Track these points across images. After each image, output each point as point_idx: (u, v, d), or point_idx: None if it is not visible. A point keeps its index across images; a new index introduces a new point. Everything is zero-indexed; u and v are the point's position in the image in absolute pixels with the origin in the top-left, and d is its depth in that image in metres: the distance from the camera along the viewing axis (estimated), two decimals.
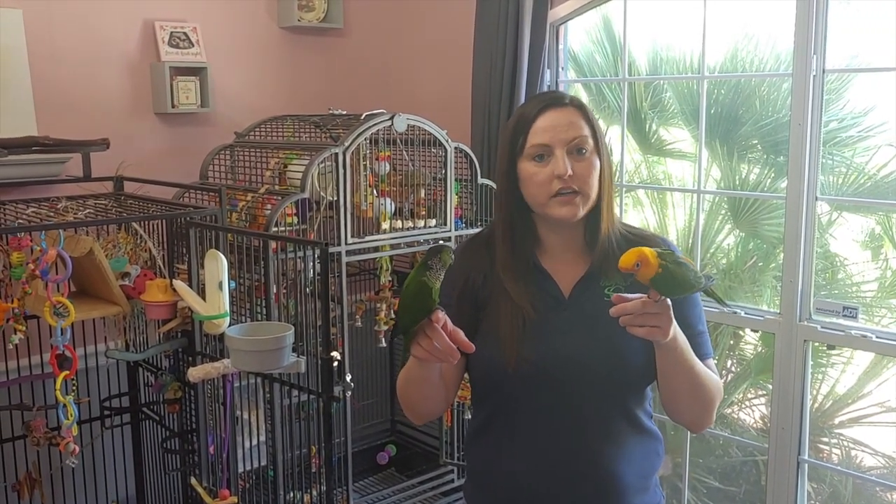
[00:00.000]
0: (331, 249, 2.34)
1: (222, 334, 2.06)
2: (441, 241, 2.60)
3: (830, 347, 2.70)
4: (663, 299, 1.27)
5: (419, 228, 2.65)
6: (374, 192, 2.54)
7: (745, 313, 2.66)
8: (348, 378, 2.36)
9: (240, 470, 2.34)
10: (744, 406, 3.84)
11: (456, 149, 2.72)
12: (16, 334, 2.17)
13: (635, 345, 1.35)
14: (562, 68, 3.14)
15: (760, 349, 3.71)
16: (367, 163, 2.51)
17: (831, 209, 3.41)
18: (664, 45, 3.70)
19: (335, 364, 2.03)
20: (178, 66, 2.98)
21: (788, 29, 2.43)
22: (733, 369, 3.84)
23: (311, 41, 3.40)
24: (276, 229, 2.35)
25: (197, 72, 3.02)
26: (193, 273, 2.19)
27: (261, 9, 3.26)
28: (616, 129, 3.41)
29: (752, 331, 3.55)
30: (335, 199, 2.45)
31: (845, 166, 3.39)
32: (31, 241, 2.13)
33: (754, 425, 3.76)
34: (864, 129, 3.33)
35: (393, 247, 2.68)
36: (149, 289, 2.23)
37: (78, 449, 2.06)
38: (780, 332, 2.53)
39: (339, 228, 2.45)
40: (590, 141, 1.41)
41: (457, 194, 2.77)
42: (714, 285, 1.35)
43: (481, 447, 1.52)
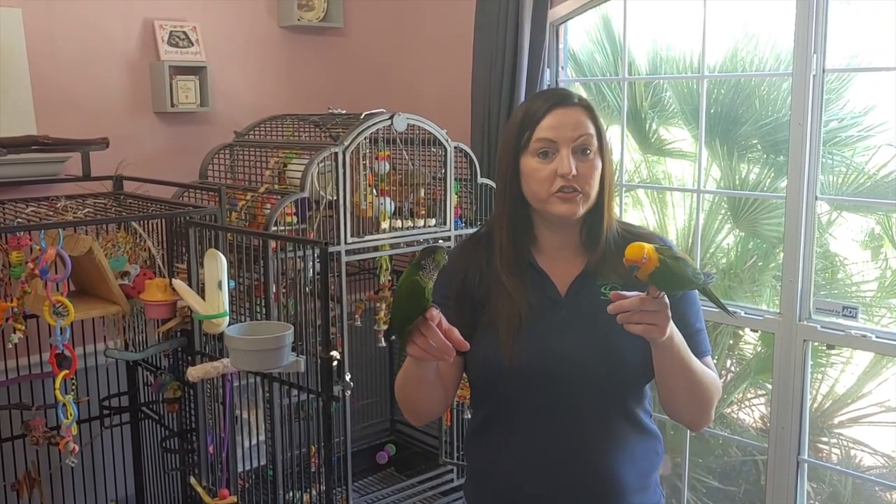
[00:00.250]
0: (330, 249, 2.34)
1: (222, 334, 2.06)
2: (434, 242, 2.60)
3: (830, 347, 2.70)
4: (661, 296, 1.26)
5: (419, 228, 2.65)
6: (374, 191, 2.54)
7: (745, 313, 2.66)
8: (348, 377, 2.36)
9: (239, 469, 2.34)
10: (743, 406, 3.83)
11: (455, 148, 2.72)
12: (15, 333, 2.17)
13: (633, 343, 1.35)
14: (561, 68, 3.14)
15: (760, 349, 3.71)
16: (367, 162, 2.51)
17: (831, 209, 3.40)
18: (664, 45, 3.69)
19: (335, 363, 2.03)
20: (178, 66, 2.98)
21: (788, 28, 2.43)
22: (733, 369, 3.84)
23: (310, 40, 3.40)
24: (275, 229, 2.35)
25: (196, 71, 3.02)
26: (193, 272, 2.18)
27: (260, 8, 3.26)
28: (616, 129, 3.40)
29: (751, 330, 3.55)
30: (335, 198, 2.45)
31: (845, 166, 3.39)
32: (30, 240, 2.13)
33: (754, 425, 3.76)
34: (864, 129, 3.32)
35: (392, 246, 2.68)
36: (148, 288, 2.22)
37: (77, 448, 2.06)
38: (779, 331, 2.52)
39: (338, 228, 2.45)
40: (594, 142, 1.41)
41: (456, 194, 2.77)
42: (713, 283, 1.34)
43: (481, 447, 1.52)
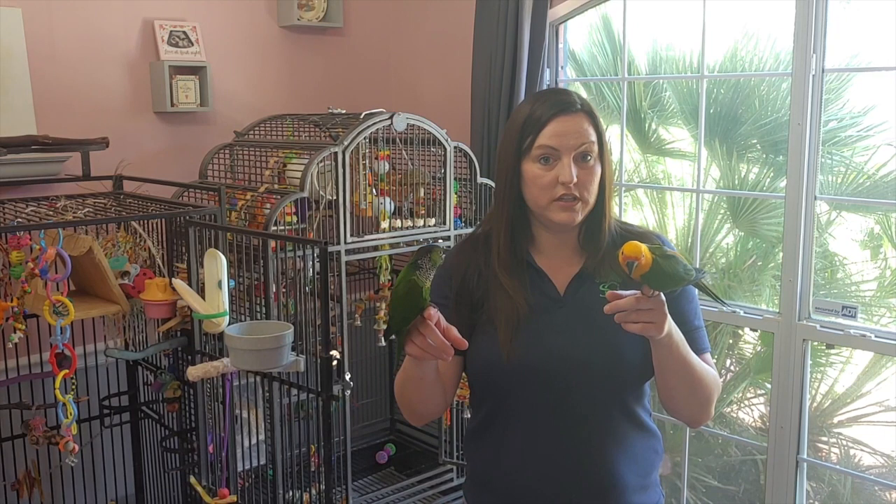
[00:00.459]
0: (330, 248, 2.34)
1: (222, 333, 2.06)
2: (433, 242, 2.60)
3: (829, 347, 2.70)
4: (656, 294, 1.27)
5: (418, 227, 2.65)
6: (374, 191, 2.54)
7: (745, 312, 2.66)
8: (347, 377, 2.36)
9: (239, 469, 2.34)
10: (743, 405, 3.84)
11: (455, 148, 2.72)
12: (15, 333, 2.18)
13: (633, 341, 1.35)
14: (561, 67, 3.14)
15: (759, 348, 3.71)
16: (367, 162, 2.52)
17: (830, 208, 3.41)
18: (664, 45, 3.70)
19: (334, 363, 2.03)
20: (178, 65, 2.98)
21: (788, 28, 2.43)
22: (732, 368, 3.84)
23: (310, 40, 3.40)
24: (275, 228, 2.35)
25: (196, 71, 3.02)
26: (193, 272, 2.19)
27: (260, 8, 3.26)
28: (615, 129, 3.40)
29: (751, 330, 3.55)
30: (334, 198, 2.45)
31: (844, 166, 3.39)
32: (30, 239, 2.13)
33: (753, 424, 3.77)
34: (864, 129, 3.33)
35: (392, 246, 2.68)
36: (148, 288, 2.23)
37: (77, 448, 2.06)
38: (779, 331, 2.53)
39: (338, 227, 2.45)
40: (595, 148, 1.42)
41: (456, 193, 2.77)
42: (705, 279, 1.34)
43: (480, 446, 1.52)
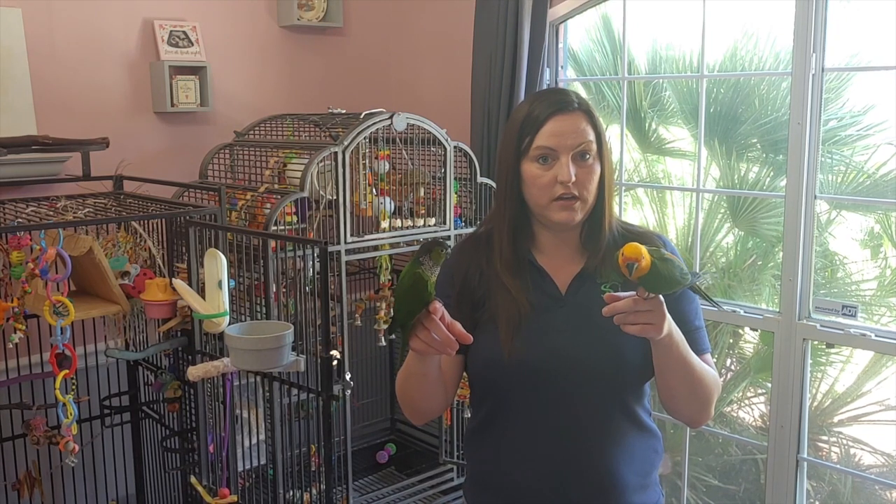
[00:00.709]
0: (330, 248, 2.34)
1: (222, 333, 2.06)
2: (436, 237, 2.60)
3: (830, 346, 2.70)
4: (653, 296, 1.27)
5: (418, 227, 2.65)
6: (374, 190, 2.54)
7: (745, 312, 2.66)
8: (348, 377, 2.36)
9: (239, 468, 2.34)
10: (743, 404, 3.84)
11: (455, 147, 2.72)
12: (15, 333, 2.18)
13: (633, 341, 1.35)
14: (561, 67, 3.14)
15: (760, 348, 3.71)
16: (367, 162, 2.52)
17: (830, 208, 3.41)
18: (664, 44, 3.70)
19: (335, 363, 2.03)
20: (178, 66, 2.98)
21: (788, 27, 2.43)
22: (733, 368, 3.84)
23: (310, 40, 3.40)
24: (275, 228, 2.35)
25: (196, 71, 3.02)
26: (193, 272, 2.19)
27: (260, 8, 3.26)
28: (615, 128, 3.40)
29: (751, 329, 3.55)
30: (334, 197, 2.45)
31: (844, 165, 3.39)
32: (30, 240, 2.13)
33: (754, 424, 3.77)
34: (864, 128, 3.33)
35: (392, 245, 2.68)
36: (148, 288, 2.23)
37: (78, 448, 2.06)
38: (779, 330, 2.53)
39: (338, 227, 2.45)
40: (594, 146, 1.42)
41: (456, 193, 2.77)
42: (701, 282, 1.34)
43: (480, 446, 1.52)
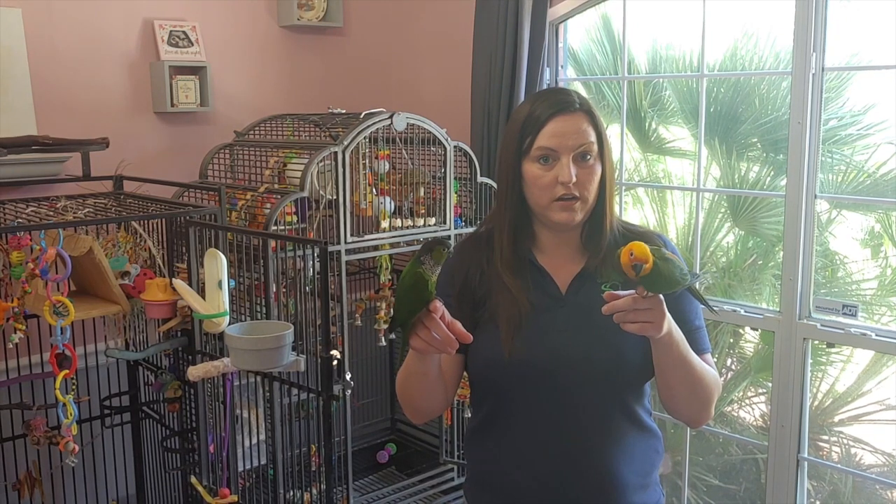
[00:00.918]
0: (330, 248, 2.34)
1: (222, 333, 2.06)
2: (437, 237, 2.60)
3: (830, 345, 2.70)
4: (652, 295, 1.27)
5: (419, 227, 2.66)
6: (374, 190, 2.54)
7: (745, 311, 2.65)
8: (348, 377, 2.36)
9: (240, 468, 2.34)
10: (744, 404, 3.84)
11: (455, 147, 2.72)
12: (16, 333, 2.18)
13: (633, 341, 1.35)
14: (561, 67, 3.14)
15: (760, 347, 3.71)
16: (367, 161, 2.52)
17: (831, 207, 3.40)
18: (664, 44, 3.69)
19: (335, 363, 2.03)
20: (178, 66, 2.98)
21: (788, 27, 2.43)
22: (733, 367, 3.84)
23: (310, 40, 3.40)
24: (275, 228, 2.35)
25: (196, 71, 3.02)
26: (193, 272, 2.19)
27: (260, 8, 3.26)
28: (616, 128, 3.40)
29: (751, 329, 3.55)
30: (335, 197, 2.45)
31: (845, 164, 3.39)
32: (30, 240, 2.13)
33: (754, 423, 3.76)
34: (864, 127, 3.33)
35: (392, 245, 2.68)
36: (148, 288, 2.23)
37: (78, 448, 2.06)
38: (779, 330, 2.52)
39: (338, 227, 2.45)
40: (595, 147, 1.42)
41: (456, 193, 2.77)
42: (700, 282, 1.34)
43: (481, 445, 1.52)
